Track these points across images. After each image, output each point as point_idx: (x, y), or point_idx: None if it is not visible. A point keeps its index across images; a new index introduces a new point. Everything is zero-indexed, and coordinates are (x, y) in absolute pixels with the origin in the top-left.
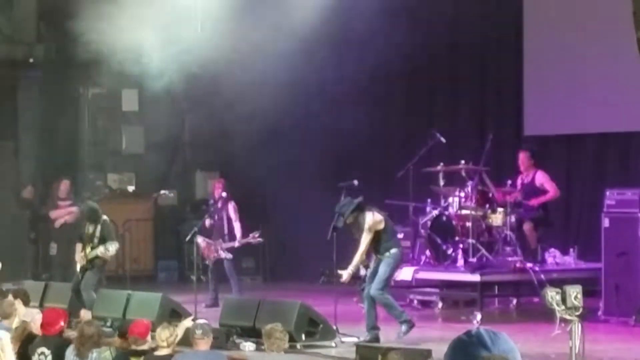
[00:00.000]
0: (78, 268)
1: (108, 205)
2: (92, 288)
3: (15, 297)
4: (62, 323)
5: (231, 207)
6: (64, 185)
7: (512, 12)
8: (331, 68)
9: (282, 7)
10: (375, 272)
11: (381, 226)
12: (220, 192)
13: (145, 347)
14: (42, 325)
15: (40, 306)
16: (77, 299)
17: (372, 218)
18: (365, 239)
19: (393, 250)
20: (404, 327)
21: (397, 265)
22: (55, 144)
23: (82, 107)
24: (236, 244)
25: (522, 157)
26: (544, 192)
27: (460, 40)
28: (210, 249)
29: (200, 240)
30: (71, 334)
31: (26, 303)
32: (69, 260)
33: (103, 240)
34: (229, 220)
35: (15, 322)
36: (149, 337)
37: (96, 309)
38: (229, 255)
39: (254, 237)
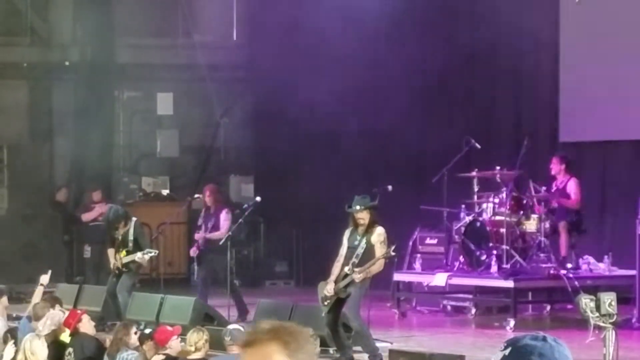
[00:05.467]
0: (112, 272)
1: (142, 208)
2: (128, 290)
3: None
4: (73, 322)
5: (224, 213)
6: (97, 195)
7: (549, 20)
8: (368, 75)
9: (317, 12)
10: (342, 297)
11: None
12: (211, 199)
13: (167, 352)
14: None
15: (74, 309)
16: (112, 302)
17: (385, 232)
18: (382, 251)
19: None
20: None
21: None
22: (90, 146)
23: (117, 110)
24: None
25: (553, 161)
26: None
27: (497, 46)
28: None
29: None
30: (105, 337)
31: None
32: (102, 263)
33: (137, 243)
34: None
35: (43, 325)
36: (170, 344)
37: (130, 312)
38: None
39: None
